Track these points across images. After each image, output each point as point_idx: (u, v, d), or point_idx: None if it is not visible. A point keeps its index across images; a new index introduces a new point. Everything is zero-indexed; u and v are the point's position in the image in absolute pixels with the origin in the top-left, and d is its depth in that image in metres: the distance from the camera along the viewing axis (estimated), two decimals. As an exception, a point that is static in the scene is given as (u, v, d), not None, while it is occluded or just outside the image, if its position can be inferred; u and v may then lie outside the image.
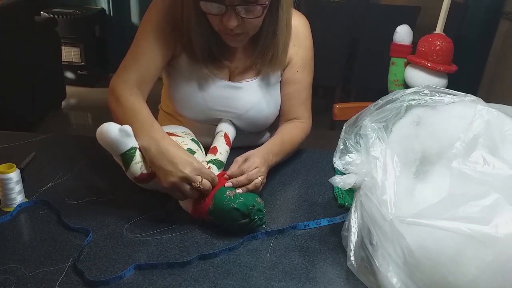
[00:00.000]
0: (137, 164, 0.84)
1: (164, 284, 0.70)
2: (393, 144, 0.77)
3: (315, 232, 0.86)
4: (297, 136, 1.11)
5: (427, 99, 0.78)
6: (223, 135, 1.05)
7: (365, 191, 0.74)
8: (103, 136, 0.82)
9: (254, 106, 1.10)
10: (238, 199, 0.81)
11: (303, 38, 1.11)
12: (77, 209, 0.88)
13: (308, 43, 1.13)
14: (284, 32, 1.03)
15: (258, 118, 1.13)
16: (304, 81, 1.13)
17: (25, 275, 0.70)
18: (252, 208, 0.80)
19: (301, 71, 1.12)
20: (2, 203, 0.87)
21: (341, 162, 0.81)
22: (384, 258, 0.68)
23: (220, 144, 1.01)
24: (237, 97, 1.09)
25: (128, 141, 0.83)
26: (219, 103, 1.09)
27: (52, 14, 3.51)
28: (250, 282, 0.72)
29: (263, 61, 1.05)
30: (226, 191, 0.83)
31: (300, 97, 1.14)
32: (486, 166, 0.66)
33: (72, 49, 3.67)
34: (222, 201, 0.81)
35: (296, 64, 1.11)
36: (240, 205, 0.80)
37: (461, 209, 0.62)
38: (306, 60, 1.13)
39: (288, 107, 1.14)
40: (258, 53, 1.05)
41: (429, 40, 1.61)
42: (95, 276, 0.71)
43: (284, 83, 1.13)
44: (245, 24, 0.93)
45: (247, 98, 1.10)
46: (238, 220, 0.81)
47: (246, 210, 0.80)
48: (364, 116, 0.81)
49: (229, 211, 0.80)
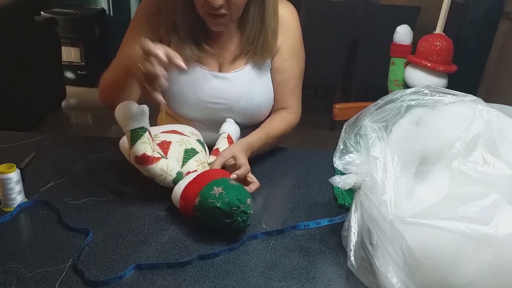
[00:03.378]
0: (142, 144, 0.85)
1: (164, 284, 0.70)
2: (393, 144, 0.77)
3: (315, 232, 0.86)
4: (283, 129, 1.12)
5: (427, 99, 0.78)
6: (226, 137, 1.04)
7: (365, 191, 0.74)
8: (121, 109, 0.85)
9: (244, 95, 1.10)
10: (222, 199, 0.79)
11: (290, 26, 1.11)
12: (77, 209, 0.88)
13: (296, 31, 1.13)
14: (272, 18, 1.04)
15: (251, 108, 1.12)
16: (292, 70, 1.13)
17: (25, 275, 0.70)
18: (236, 209, 0.78)
19: (289, 59, 1.12)
20: (2, 203, 0.87)
21: (341, 162, 0.81)
22: (384, 258, 0.68)
23: (222, 146, 1.01)
24: (227, 87, 1.09)
25: (141, 120, 0.85)
26: (210, 94, 1.09)
27: (52, 14, 3.51)
28: (250, 282, 0.72)
29: (254, 49, 1.06)
30: (213, 188, 0.81)
31: (289, 86, 1.14)
32: (486, 166, 0.66)
33: (72, 49, 3.66)
34: (206, 198, 0.80)
35: (284, 52, 1.11)
36: (223, 205, 0.78)
37: (461, 209, 0.62)
38: (294, 48, 1.13)
39: (277, 96, 1.15)
40: (246, 41, 1.06)
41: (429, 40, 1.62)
42: (95, 276, 0.71)
43: (273, 72, 1.14)
44: (229, 4, 0.94)
45: (237, 87, 1.10)
46: (221, 219, 0.79)
47: (229, 210, 0.78)
48: (364, 116, 0.81)
49: (212, 210, 0.79)
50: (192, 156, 0.93)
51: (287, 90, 1.14)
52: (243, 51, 1.08)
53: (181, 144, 0.94)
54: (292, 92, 1.15)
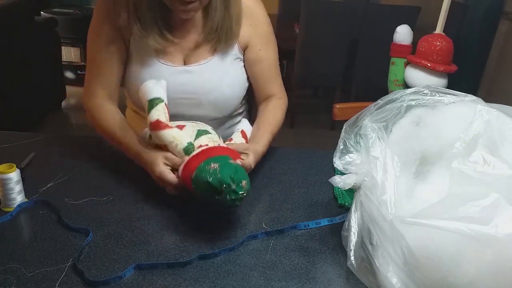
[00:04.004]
0: (156, 111, 0.89)
1: (164, 284, 0.70)
2: (393, 144, 0.77)
3: (315, 232, 0.86)
4: (280, 115, 1.13)
5: (427, 99, 0.78)
6: (240, 131, 1.06)
7: (365, 191, 0.74)
8: (144, 84, 0.93)
9: (213, 88, 1.08)
10: (215, 174, 0.78)
11: (258, 16, 1.11)
12: (77, 209, 0.88)
13: (265, 19, 1.13)
14: (235, 5, 1.04)
15: (221, 101, 1.10)
16: (269, 57, 1.13)
17: (25, 275, 0.70)
18: (227, 187, 0.76)
19: (264, 48, 1.12)
20: (2, 203, 0.87)
21: (341, 162, 0.81)
22: (384, 258, 0.68)
23: (235, 137, 1.03)
24: (194, 81, 1.08)
25: (158, 91, 0.91)
26: (176, 90, 1.06)
27: (52, 14, 3.51)
28: (250, 282, 0.72)
29: (219, 36, 1.05)
30: (210, 164, 0.80)
31: (270, 73, 1.14)
32: (486, 166, 0.66)
33: (72, 49, 3.66)
34: (201, 172, 0.80)
35: (257, 43, 1.11)
36: (214, 181, 0.77)
37: (461, 209, 0.62)
38: (266, 37, 1.13)
39: (262, 85, 1.15)
40: (210, 28, 1.04)
41: (429, 40, 1.62)
42: (95, 276, 0.71)
43: (250, 65, 1.13)
44: None
45: (205, 80, 1.08)
46: (211, 195, 0.79)
47: (219, 186, 0.77)
48: (364, 116, 0.81)
49: (203, 184, 0.79)
50: (204, 134, 0.93)
51: (269, 78, 1.15)
52: (207, 39, 1.06)
53: (195, 126, 0.96)
54: (274, 78, 1.15)
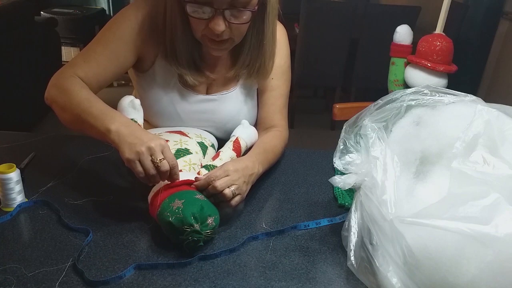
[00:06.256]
0: None
1: (164, 284, 0.70)
2: (393, 144, 0.77)
3: (315, 232, 0.86)
4: (278, 145, 1.06)
5: (427, 99, 0.78)
6: (233, 140, 1.01)
7: (365, 191, 0.74)
8: (119, 102, 0.95)
9: (233, 117, 1.08)
10: (177, 214, 0.74)
11: (279, 46, 1.08)
12: (77, 209, 0.88)
13: (285, 51, 1.11)
14: (270, 42, 1.01)
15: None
16: (279, 88, 1.11)
17: (25, 275, 0.70)
18: (188, 228, 0.73)
19: (277, 78, 1.10)
20: (2, 203, 0.87)
21: (341, 162, 0.81)
22: (384, 258, 0.68)
23: (225, 150, 0.98)
24: (215, 109, 1.08)
25: (131, 112, 0.94)
26: (195, 117, 1.07)
27: (52, 14, 3.52)
28: (250, 282, 0.72)
29: (250, 72, 1.04)
30: (174, 200, 0.77)
31: (276, 104, 1.12)
32: (486, 166, 0.66)
33: (72, 49, 3.67)
34: (165, 210, 0.77)
35: (272, 73, 1.08)
36: (176, 221, 0.74)
37: (461, 209, 0.62)
38: (283, 68, 1.11)
39: (265, 114, 1.12)
40: (242, 64, 1.03)
41: (429, 40, 1.61)
42: (95, 276, 0.71)
43: (260, 91, 1.12)
44: (232, 30, 0.91)
45: (225, 110, 1.08)
46: (174, 235, 0.76)
47: (181, 227, 0.74)
48: (364, 116, 0.81)
49: (165, 223, 0.76)
50: (182, 156, 0.91)
51: (275, 108, 1.11)
52: (238, 74, 1.05)
53: (177, 144, 0.94)
54: (280, 110, 1.12)
